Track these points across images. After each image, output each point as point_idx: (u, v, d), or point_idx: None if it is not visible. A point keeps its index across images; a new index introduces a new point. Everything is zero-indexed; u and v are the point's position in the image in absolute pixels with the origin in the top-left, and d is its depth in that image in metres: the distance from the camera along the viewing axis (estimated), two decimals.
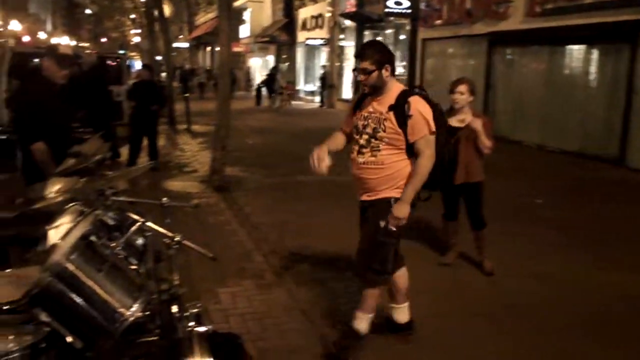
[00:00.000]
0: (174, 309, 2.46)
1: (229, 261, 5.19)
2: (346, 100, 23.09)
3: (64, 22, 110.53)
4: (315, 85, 27.81)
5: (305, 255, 5.52)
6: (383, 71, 3.43)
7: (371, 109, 3.52)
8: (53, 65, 4.53)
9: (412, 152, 3.47)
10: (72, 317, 2.24)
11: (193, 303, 2.60)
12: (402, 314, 3.92)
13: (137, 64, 29.36)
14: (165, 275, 2.83)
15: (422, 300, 4.54)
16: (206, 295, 4.43)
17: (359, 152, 3.55)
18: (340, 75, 24.52)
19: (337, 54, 24.47)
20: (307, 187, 8.36)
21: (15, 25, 70.53)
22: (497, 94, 14.86)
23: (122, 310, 2.25)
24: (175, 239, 2.42)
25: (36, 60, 13.69)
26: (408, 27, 18.90)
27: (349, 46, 23.77)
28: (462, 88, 4.99)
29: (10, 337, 2.27)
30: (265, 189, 8.58)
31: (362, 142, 3.53)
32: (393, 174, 3.46)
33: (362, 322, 3.65)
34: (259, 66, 35.88)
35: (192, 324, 2.48)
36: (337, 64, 24.46)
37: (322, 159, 3.54)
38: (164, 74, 18.95)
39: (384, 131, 3.43)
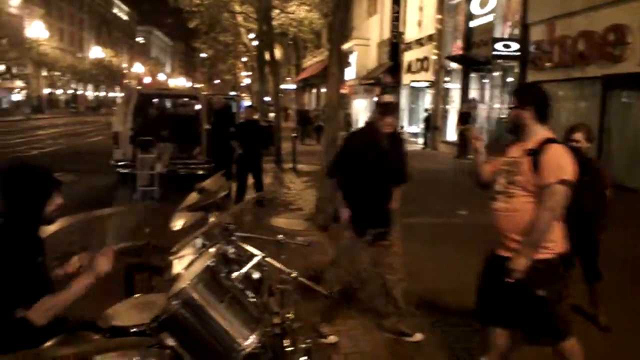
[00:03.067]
0: (286, 342, 2.56)
1: (335, 300, 5.26)
2: (450, 143, 22.84)
3: (181, 65, 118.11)
4: (418, 127, 27.76)
5: (408, 299, 5.48)
6: (525, 112, 3.39)
7: (512, 154, 3.48)
8: (376, 113, 4.55)
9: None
10: (194, 343, 2.39)
11: (303, 338, 2.70)
12: None
13: (245, 105, 30.63)
14: (278, 309, 2.96)
15: (529, 352, 4.38)
16: (311, 332, 4.51)
17: (495, 199, 3.49)
18: (444, 117, 24.34)
19: (442, 96, 24.38)
20: (412, 229, 8.31)
21: (138, 68, 76.25)
22: (612, 139, 14.14)
23: (240, 340, 2.37)
24: (292, 275, 2.53)
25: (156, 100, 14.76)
26: (516, 70, 18.53)
27: (455, 89, 23.62)
28: (578, 136, 4.72)
29: (136, 359, 2.45)
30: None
31: (498, 187, 3.47)
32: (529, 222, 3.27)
33: None
34: (363, 108, 36.36)
35: (302, 358, 2.57)
36: (442, 106, 24.34)
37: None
38: (271, 114, 19.72)
39: (518, 175, 3.33)
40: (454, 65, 22.96)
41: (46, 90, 59.24)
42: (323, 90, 39.39)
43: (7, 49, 42.52)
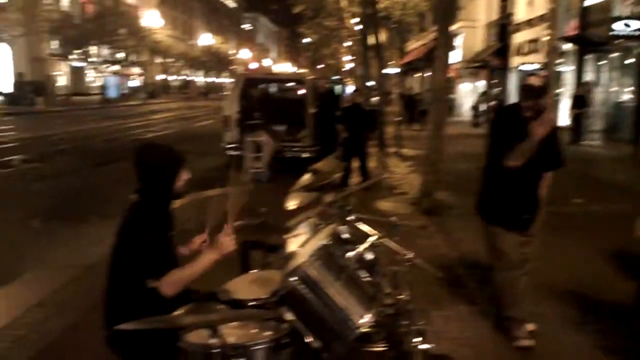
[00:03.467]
0: (402, 322, 2.59)
1: (441, 284, 5.20)
2: (562, 128, 21.77)
3: (285, 50, 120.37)
4: None
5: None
6: None
7: None
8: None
9: None
10: (311, 319, 2.47)
11: (417, 320, 2.71)
12: None
13: (348, 89, 30.68)
14: (391, 290, 2.99)
15: None
16: (419, 316, 4.50)
17: None
18: (555, 101, 23.20)
19: (553, 79, 23.23)
20: None
21: (245, 54, 78.51)
22: None
23: (355, 318, 2.43)
24: (408, 256, 2.55)
25: (264, 85, 15.18)
26: (637, 51, 17.30)
27: (568, 71, 22.43)
28: None
29: (255, 331, 2.57)
30: (476, 215, 8.42)
31: None
32: None
33: None
34: (469, 91, 35.40)
35: (416, 339, 2.59)
36: (553, 90, 23.20)
37: None
38: (374, 99, 19.68)
39: None
40: (567, 46, 21.80)
41: (160, 77, 62.44)
42: (427, 74, 38.70)
43: (126, 37, 45.15)
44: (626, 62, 18.68)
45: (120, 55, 49.82)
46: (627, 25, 16.33)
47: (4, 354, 3.86)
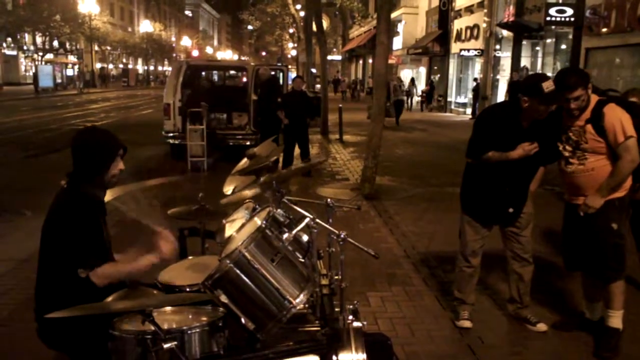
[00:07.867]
0: (335, 302, 2.63)
1: (379, 266, 5.31)
2: None
3: (228, 37, 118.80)
4: (466, 97, 27.32)
5: (454, 266, 5.47)
6: (589, 90, 3.65)
7: (569, 124, 3.74)
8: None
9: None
10: (246, 301, 2.48)
11: (351, 300, 2.76)
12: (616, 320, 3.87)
13: (291, 76, 30.60)
14: (326, 271, 3.04)
15: None
16: (356, 297, 4.58)
17: (567, 163, 3.79)
18: (494, 86, 23.83)
19: (491, 65, 23.85)
20: (456, 199, 8.25)
21: (186, 41, 77.03)
22: None
23: (290, 298, 2.45)
24: (341, 236, 2.59)
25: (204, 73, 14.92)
26: (570, 36, 17.94)
27: (505, 57, 23.05)
28: (633, 99, 4.67)
29: (191, 316, 2.56)
30: (414, 199, 8.63)
31: (567, 153, 3.78)
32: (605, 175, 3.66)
33: (618, 319, 3.82)
34: (410, 78, 35.94)
35: (350, 318, 2.63)
36: (491, 75, 23.82)
37: None
38: (318, 86, 19.68)
39: (586, 142, 3.65)
40: (505, 32, 22.38)
41: (98, 65, 60.56)
42: (369, 61, 39.02)
43: (61, 24, 43.54)
44: (560, 47, 19.36)
45: (56, 43, 48.03)
46: (560, 11, 16.88)
47: None
